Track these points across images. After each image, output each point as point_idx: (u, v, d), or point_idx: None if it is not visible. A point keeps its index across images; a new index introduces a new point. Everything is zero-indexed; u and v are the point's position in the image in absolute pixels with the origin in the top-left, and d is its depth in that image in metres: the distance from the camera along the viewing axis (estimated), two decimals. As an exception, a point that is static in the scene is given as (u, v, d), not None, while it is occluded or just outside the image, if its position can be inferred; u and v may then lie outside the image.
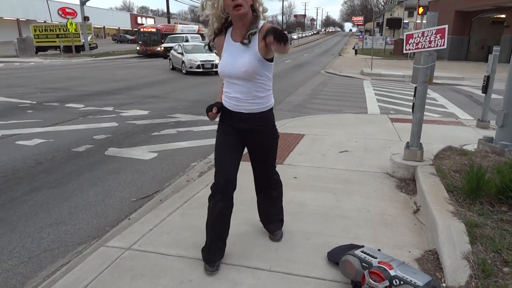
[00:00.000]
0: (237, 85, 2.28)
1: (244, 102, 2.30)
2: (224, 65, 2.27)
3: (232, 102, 2.32)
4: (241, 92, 2.28)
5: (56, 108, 8.56)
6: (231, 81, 2.30)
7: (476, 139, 5.09)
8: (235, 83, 2.28)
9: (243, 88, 2.28)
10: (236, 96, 2.30)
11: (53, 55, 29.51)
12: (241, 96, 2.29)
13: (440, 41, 3.84)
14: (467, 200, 3.09)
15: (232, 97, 2.31)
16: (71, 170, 4.64)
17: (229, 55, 2.24)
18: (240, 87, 2.28)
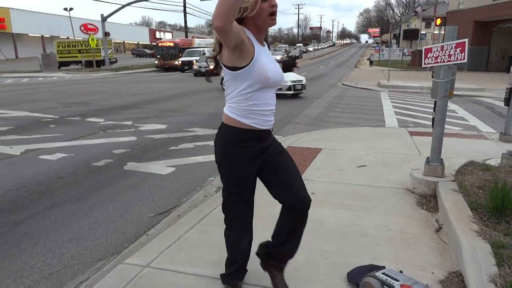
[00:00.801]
0: (271, 94, 2.02)
1: (274, 113, 2.07)
2: (274, 70, 1.95)
3: (267, 118, 2.01)
4: (274, 103, 2.04)
5: (77, 122, 8.78)
6: (271, 91, 2.01)
7: (499, 153, 4.95)
8: (273, 93, 2.04)
9: (274, 97, 2.05)
10: (272, 108, 2.03)
11: (75, 69, 30.43)
12: (274, 108, 2.04)
13: (460, 55, 3.78)
14: (492, 218, 2.99)
15: (269, 110, 2.00)
16: (91, 184, 4.73)
17: (269, 58, 1.97)
18: (273, 95, 2.04)
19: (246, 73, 1.87)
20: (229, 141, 1.98)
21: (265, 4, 1.80)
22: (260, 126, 1.96)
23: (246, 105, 1.93)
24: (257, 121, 1.96)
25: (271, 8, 1.82)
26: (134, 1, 32.96)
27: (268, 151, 2.06)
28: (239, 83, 1.91)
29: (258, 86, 1.90)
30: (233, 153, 1.98)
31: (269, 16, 1.84)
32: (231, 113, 1.96)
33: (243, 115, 1.94)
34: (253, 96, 1.92)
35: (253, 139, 1.98)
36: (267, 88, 1.95)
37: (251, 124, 1.94)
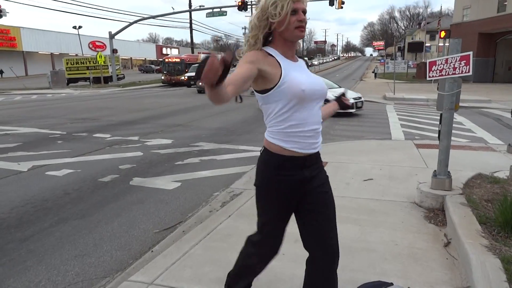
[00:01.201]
0: (316, 112, 1.81)
1: (319, 135, 1.84)
2: (310, 82, 1.77)
3: (311, 140, 1.79)
4: (318, 122, 1.82)
5: (84, 138, 8.86)
6: (310, 107, 1.78)
7: (507, 165, 4.89)
8: (315, 108, 1.81)
9: (319, 116, 1.83)
10: (316, 127, 1.80)
11: (83, 86, 30.90)
12: (318, 126, 1.81)
13: (465, 68, 3.78)
14: (501, 233, 2.94)
15: (312, 130, 1.79)
16: (96, 200, 4.74)
17: (302, 72, 1.81)
18: (319, 114, 1.82)
19: (277, 93, 1.73)
20: (269, 167, 1.83)
21: (293, 17, 1.72)
22: (303, 151, 1.77)
23: (284, 127, 1.76)
24: (299, 145, 1.76)
25: (299, 22, 1.72)
26: (141, 18, 33.60)
27: (312, 184, 1.84)
28: (273, 105, 1.77)
29: (295, 102, 1.73)
30: (273, 180, 1.82)
31: (297, 29, 1.73)
32: (271, 138, 1.81)
33: (282, 139, 1.77)
34: (291, 117, 1.74)
35: (296, 167, 1.79)
36: (306, 104, 1.75)
37: (292, 149, 1.76)
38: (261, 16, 1.75)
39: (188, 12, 40.91)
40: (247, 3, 27.65)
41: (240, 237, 3.36)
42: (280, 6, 1.69)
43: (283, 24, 1.71)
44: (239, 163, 6.38)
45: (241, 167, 6.10)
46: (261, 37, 1.76)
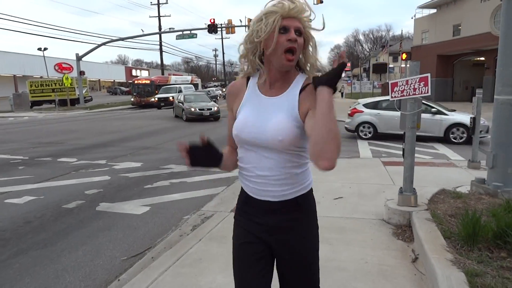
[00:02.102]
0: (264, 158, 1.50)
1: (274, 183, 1.51)
2: (244, 124, 1.51)
3: (255, 186, 1.55)
4: (270, 168, 1.50)
5: (48, 163, 8.51)
6: (254, 151, 1.52)
7: (468, 180, 5.11)
8: (261, 154, 1.51)
9: (272, 163, 1.50)
10: (262, 173, 1.52)
11: (48, 109, 29.89)
12: (270, 173, 1.51)
13: (424, 89, 3.97)
14: (465, 246, 3.04)
15: (256, 176, 1.54)
16: (60, 228, 4.52)
17: (254, 110, 1.52)
18: (268, 161, 1.50)
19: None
20: (238, 200, 1.69)
21: (282, 37, 1.39)
22: (255, 196, 1.56)
23: (239, 166, 1.62)
24: (249, 189, 1.58)
25: (288, 42, 1.39)
26: (110, 40, 33.28)
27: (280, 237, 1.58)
28: None
29: (237, 144, 1.60)
30: (237, 219, 1.69)
31: (284, 54, 1.41)
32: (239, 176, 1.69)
33: (240, 178, 1.64)
34: (241, 157, 1.59)
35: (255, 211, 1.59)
36: (252, 148, 1.52)
37: (246, 191, 1.60)
38: (250, 36, 1.47)
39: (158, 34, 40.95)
40: (216, 26, 28.06)
41: (211, 261, 3.31)
42: (265, 23, 1.40)
43: (270, 44, 1.40)
44: (211, 185, 6.32)
45: (212, 189, 6.04)
46: (253, 60, 1.50)
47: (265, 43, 1.42)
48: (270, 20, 1.39)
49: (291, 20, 1.40)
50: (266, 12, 1.42)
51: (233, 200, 5.19)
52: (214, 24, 27.48)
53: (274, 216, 1.56)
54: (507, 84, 4.45)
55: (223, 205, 5.01)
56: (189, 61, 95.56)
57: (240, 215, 1.67)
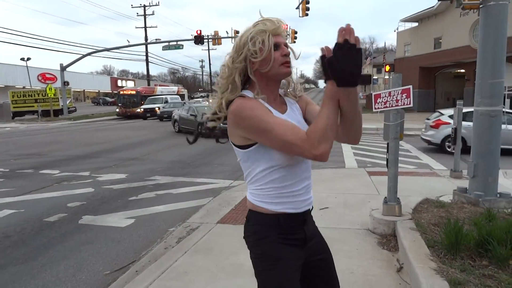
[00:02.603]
0: (305, 167, 1.56)
1: (310, 189, 1.60)
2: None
3: (298, 199, 1.53)
4: (308, 177, 1.58)
5: (30, 175, 8.32)
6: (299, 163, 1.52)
7: (451, 190, 5.20)
8: (303, 164, 1.55)
9: (308, 171, 1.58)
10: (306, 184, 1.55)
11: (30, 119, 29.34)
12: (309, 181, 1.58)
13: (406, 100, 4.05)
14: (448, 255, 3.08)
15: (300, 189, 1.53)
16: (41, 243, 4.40)
17: (292, 119, 1.52)
18: (307, 169, 1.57)
19: (261, 149, 1.47)
20: (264, 231, 1.55)
21: (277, 53, 1.46)
22: (296, 210, 1.53)
23: (272, 188, 1.51)
24: (291, 205, 1.52)
25: (284, 57, 1.47)
26: (95, 51, 33.05)
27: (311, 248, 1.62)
28: (256, 163, 1.51)
29: (281, 165, 1.49)
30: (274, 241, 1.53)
31: (283, 65, 1.47)
32: (256, 200, 1.55)
33: (270, 201, 1.52)
34: (278, 176, 1.49)
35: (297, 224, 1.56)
36: (296, 159, 1.49)
37: (283, 211, 1.52)
38: (237, 57, 1.48)
39: (144, 45, 40.87)
40: (203, 37, 28.20)
41: (197, 274, 3.27)
42: (260, 41, 1.43)
43: (269, 62, 1.44)
44: (197, 196, 6.27)
45: (198, 200, 5.99)
46: (238, 81, 1.49)
47: (261, 62, 1.45)
48: (264, 39, 1.43)
49: (279, 37, 1.48)
50: (256, 32, 1.45)
51: (219, 211, 5.17)
52: (201, 36, 27.61)
53: (309, 224, 1.62)
54: (485, 96, 4.59)
55: (209, 217, 4.97)
56: (176, 72, 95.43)
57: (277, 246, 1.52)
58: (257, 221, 1.56)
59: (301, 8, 19.22)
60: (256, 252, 1.55)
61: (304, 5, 19.05)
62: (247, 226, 1.60)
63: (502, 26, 4.49)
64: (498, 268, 2.81)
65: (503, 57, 4.55)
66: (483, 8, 4.55)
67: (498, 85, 4.56)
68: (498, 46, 4.50)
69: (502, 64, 4.55)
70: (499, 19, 4.46)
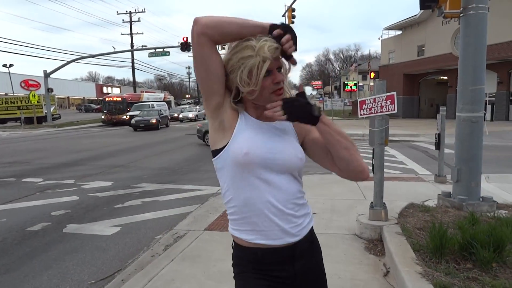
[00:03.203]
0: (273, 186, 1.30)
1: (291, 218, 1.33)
2: (254, 144, 1.29)
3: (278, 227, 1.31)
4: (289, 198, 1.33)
5: (12, 183, 8.12)
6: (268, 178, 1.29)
7: (435, 194, 5.29)
8: (270, 181, 1.30)
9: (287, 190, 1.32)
10: (282, 210, 1.31)
11: (12, 127, 28.72)
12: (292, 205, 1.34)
13: (391, 106, 4.13)
14: (433, 258, 3.12)
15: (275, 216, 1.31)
16: (23, 252, 4.30)
17: (258, 133, 1.32)
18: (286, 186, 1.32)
19: (223, 157, 1.31)
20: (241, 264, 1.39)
21: (267, 80, 1.26)
22: (274, 242, 1.32)
23: (234, 211, 1.34)
24: (263, 235, 1.31)
25: (275, 85, 1.27)
26: (80, 57, 32.66)
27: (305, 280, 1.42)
28: (220, 175, 1.36)
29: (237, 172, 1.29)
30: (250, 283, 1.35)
31: (273, 93, 1.28)
32: (230, 228, 1.39)
33: (238, 228, 1.35)
34: (235, 196, 1.32)
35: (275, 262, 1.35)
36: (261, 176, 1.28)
37: (257, 241, 1.32)
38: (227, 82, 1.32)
39: (130, 52, 40.60)
40: (189, 44, 28.16)
41: (184, 282, 3.23)
42: (247, 71, 1.23)
43: (254, 93, 1.27)
44: (184, 203, 6.22)
45: (185, 207, 5.94)
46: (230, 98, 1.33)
47: (248, 92, 1.27)
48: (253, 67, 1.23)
49: (272, 62, 1.25)
50: (243, 56, 1.24)
51: (206, 218, 5.14)
52: (187, 42, 27.57)
53: (305, 258, 1.41)
54: (467, 102, 4.71)
55: (196, 224, 4.93)
56: (162, 79, 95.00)
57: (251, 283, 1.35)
58: (236, 253, 1.40)
59: (287, 15, 19.44)
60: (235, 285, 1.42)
61: (290, 13, 19.27)
62: (232, 255, 1.45)
63: (482, 35, 4.62)
64: (482, 270, 2.86)
65: (483, 64, 4.68)
66: (464, 17, 4.68)
67: (479, 91, 4.68)
68: (478, 53, 4.64)
69: (482, 71, 4.68)
70: (479, 28, 4.60)
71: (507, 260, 2.97)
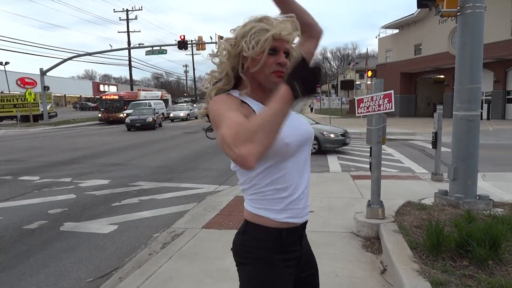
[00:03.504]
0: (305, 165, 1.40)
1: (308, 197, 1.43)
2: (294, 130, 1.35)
3: (300, 206, 1.38)
4: (307, 179, 1.41)
5: (8, 182, 8.09)
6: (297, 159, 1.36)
7: (432, 193, 5.32)
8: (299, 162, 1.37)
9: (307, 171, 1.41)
10: (303, 188, 1.39)
11: (8, 125, 28.56)
12: (307, 186, 1.41)
13: (388, 105, 4.14)
14: (430, 256, 3.14)
15: (299, 194, 1.37)
16: (20, 251, 4.28)
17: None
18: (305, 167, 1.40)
19: None
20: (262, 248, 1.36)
21: (271, 58, 1.30)
22: (297, 220, 1.37)
23: (270, 192, 1.35)
24: (292, 213, 1.35)
25: (277, 66, 1.30)
26: (76, 55, 32.52)
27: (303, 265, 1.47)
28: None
29: (276, 160, 1.32)
30: (273, 265, 1.35)
31: (274, 73, 1.31)
32: (254, 208, 1.38)
33: (271, 208, 1.35)
34: (276, 178, 1.34)
35: (296, 242, 1.41)
36: (293, 159, 1.34)
37: (286, 220, 1.35)
38: (232, 50, 1.33)
39: (127, 50, 40.45)
40: (187, 42, 28.11)
41: (182, 280, 3.24)
42: (256, 40, 1.27)
43: (257, 63, 1.29)
44: (181, 201, 6.22)
45: (183, 205, 5.94)
46: (232, 76, 1.35)
47: (251, 61, 1.30)
48: (261, 38, 1.27)
49: (281, 42, 1.30)
50: (257, 29, 1.28)
51: (204, 216, 5.14)
52: (184, 41, 27.51)
53: (304, 238, 1.46)
54: (464, 101, 4.73)
55: (194, 222, 4.93)
56: (159, 77, 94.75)
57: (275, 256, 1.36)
58: (255, 235, 1.37)
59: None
60: (249, 274, 1.36)
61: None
62: (240, 240, 1.40)
63: (479, 34, 4.64)
64: (478, 268, 2.88)
65: (480, 63, 4.70)
66: (461, 16, 4.70)
67: (476, 90, 4.70)
68: (475, 52, 4.65)
69: (479, 70, 4.70)
70: (475, 27, 4.61)
71: (503, 257, 2.99)
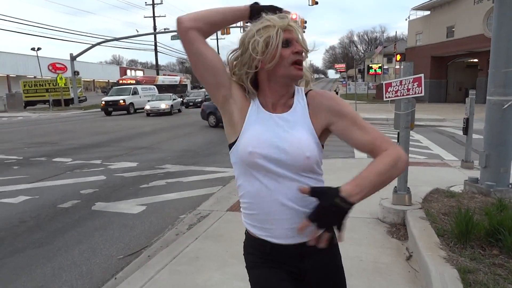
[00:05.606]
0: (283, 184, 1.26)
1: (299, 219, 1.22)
2: (258, 140, 1.25)
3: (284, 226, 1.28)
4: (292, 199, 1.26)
5: (43, 163, 8.47)
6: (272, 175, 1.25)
7: (462, 180, 5.17)
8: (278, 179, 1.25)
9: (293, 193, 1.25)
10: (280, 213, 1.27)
11: (42, 109, 29.71)
12: (295, 204, 1.26)
13: (418, 89, 4.02)
14: (458, 244, 3.08)
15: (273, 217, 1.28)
16: (56, 227, 4.52)
17: (266, 127, 1.27)
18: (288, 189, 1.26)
19: (234, 153, 1.32)
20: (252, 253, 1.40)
21: (286, 50, 1.23)
22: (281, 240, 1.30)
23: (245, 206, 1.34)
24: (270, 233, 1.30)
25: (294, 55, 1.24)
26: (104, 41, 33.14)
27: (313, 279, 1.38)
28: (235, 171, 1.37)
29: (244, 170, 1.29)
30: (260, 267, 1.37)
31: (293, 65, 1.24)
32: (242, 218, 1.41)
33: (249, 222, 1.36)
34: (246, 191, 1.31)
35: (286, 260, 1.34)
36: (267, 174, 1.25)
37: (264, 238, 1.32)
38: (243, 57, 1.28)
39: (152, 35, 40.84)
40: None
41: (207, 259, 3.33)
42: (265, 37, 1.22)
43: (273, 58, 1.22)
44: (206, 184, 6.33)
45: (208, 188, 6.05)
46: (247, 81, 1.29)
47: (269, 58, 1.23)
48: (271, 34, 1.21)
49: (290, 33, 1.25)
50: (259, 28, 1.24)
51: (228, 199, 5.22)
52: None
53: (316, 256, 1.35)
54: (498, 85, 4.52)
55: (219, 204, 5.03)
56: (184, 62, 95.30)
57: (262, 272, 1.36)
58: (246, 240, 1.42)
59: (311, -4, 18.99)
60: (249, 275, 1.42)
61: (314, -6, 18.81)
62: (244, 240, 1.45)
63: (518, 14, 4.39)
64: (509, 257, 2.81)
65: (518, 45, 4.46)
66: (499, -5, 4.45)
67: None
68: (513, 34, 4.41)
69: (517, 52, 4.47)
70: (515, 7, 4.36)
71: (536, 247, 2.89)
